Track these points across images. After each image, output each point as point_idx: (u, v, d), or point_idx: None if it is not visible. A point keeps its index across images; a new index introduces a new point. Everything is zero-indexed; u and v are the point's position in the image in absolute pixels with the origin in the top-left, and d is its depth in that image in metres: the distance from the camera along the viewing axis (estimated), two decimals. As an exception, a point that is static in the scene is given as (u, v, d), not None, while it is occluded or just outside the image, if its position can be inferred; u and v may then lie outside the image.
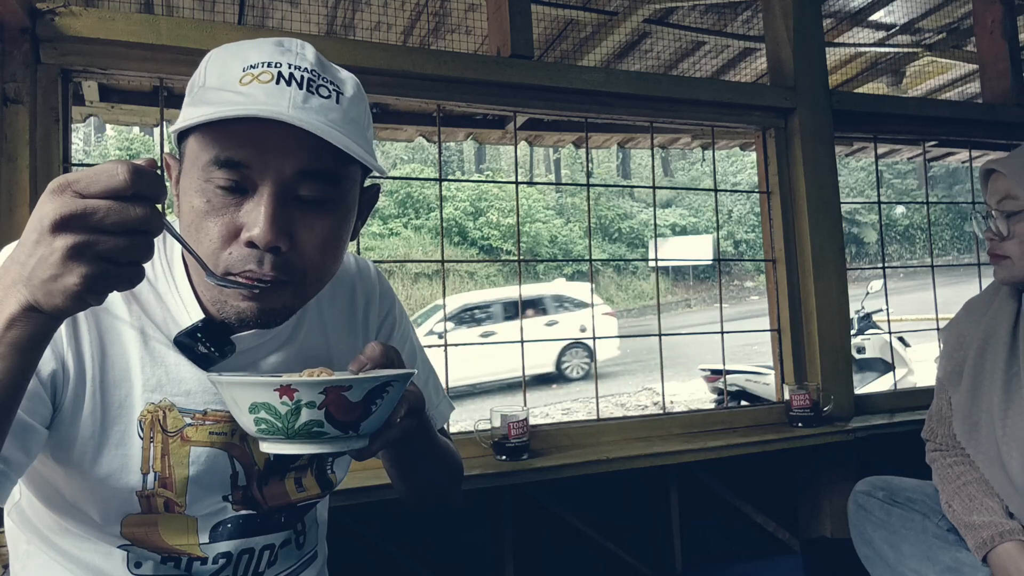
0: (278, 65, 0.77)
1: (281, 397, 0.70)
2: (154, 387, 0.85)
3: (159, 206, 0.63)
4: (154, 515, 0.87)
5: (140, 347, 0.85)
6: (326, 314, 0.99)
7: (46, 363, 0.79)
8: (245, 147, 0.74)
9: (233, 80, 0.77)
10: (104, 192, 0.58)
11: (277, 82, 0.76)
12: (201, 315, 0.85)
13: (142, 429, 0.85)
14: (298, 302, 0.83)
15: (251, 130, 0.74)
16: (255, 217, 0.75)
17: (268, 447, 0.75)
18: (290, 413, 0.71)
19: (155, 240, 0.89)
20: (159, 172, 0.62)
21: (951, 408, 1.60)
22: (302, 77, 0.77)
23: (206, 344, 0.84)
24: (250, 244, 0.76)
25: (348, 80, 0.84)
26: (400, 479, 1.05)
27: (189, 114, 0.76)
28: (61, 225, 0.57)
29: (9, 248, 0.84)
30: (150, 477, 0.85)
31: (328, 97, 0.78)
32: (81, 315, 0.82)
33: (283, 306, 0.81)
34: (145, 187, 0.59)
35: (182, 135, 0.79)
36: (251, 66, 0.77)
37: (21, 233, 0.61)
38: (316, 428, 0.72)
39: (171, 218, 0.85)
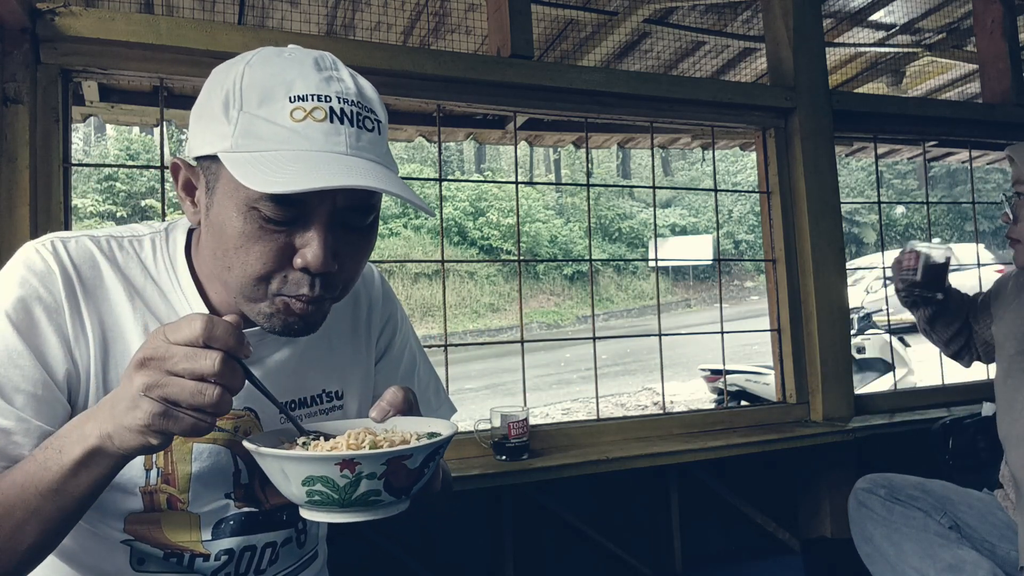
0: (327, 100, 0.77)
1: (342, 471, 0.69)
2: None
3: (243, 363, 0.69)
4: (157, 512, 0.87)
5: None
6: (329, 316, 0.99)
7: (59, 365, 0.80)
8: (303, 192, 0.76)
9: (283, 113, 0.76)
10: (183, 340, 0.65)
11: (331, 120, 0.77)
12: (204, 311, 0.86)
13: None
14: (329, 308, 0.87)
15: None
16: (312, 247, 0.78)
17: (316, 516, 0.74)
18: (349, 485, 0.70)
19: (159, 240, 0.90)
20: (239, 328, 0.68)
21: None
22: (352, 112, 0.78)
23: None
24: (303, 269, 0.79)
25: (374, 96, 0.84)
26: None
27: (243, 145, 0.75)
28: (142, 364, 0.66)
29: (13, 263, 0.83)
30: (153, 473, 0.86)
31: (372, 130, 0.80)
32: (84, 311, 0.82)
33: (323, 315, 0.86)
34: (216, 339, 0.65)
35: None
36: (299, 97, 0.77)
37: (21, 232, 0.62)
38: (373, 497, 0.71)
39: (175, 216, 0.86)
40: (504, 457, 1.76)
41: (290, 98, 0.77)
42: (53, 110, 1.49)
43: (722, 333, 2.35)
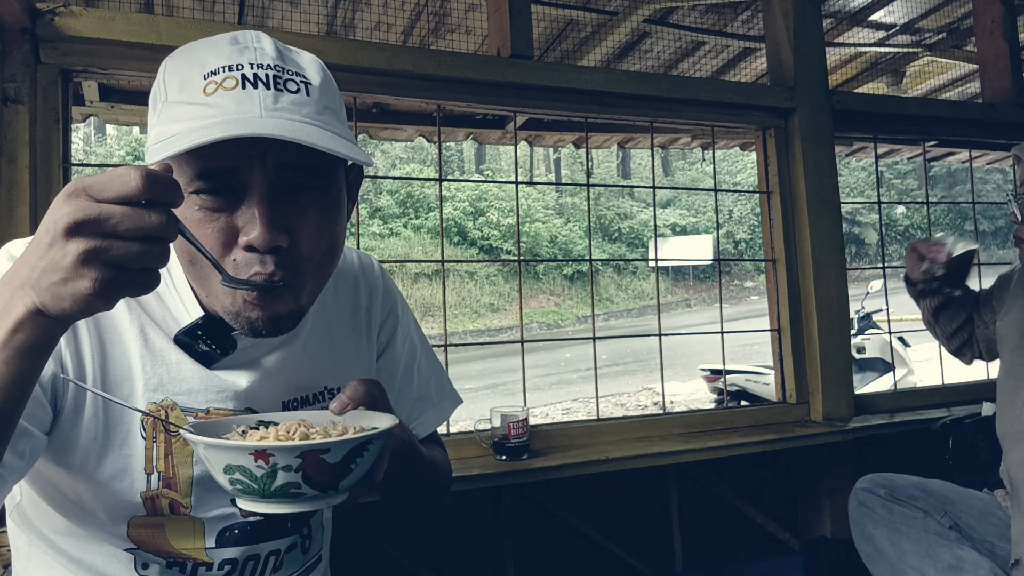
0: (239, 68, 0.75)
1: (256, 461, 0.68)
2: (156, 386, 0.84)
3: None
4: (160, 517, 0.86)
5: (141, 346, 0.84)
6: (329, 311, 0.99)
7: (46, 367, 0.77)
8: (226, 156, 0.74)
9: (196, 91, 0.75)
10: (118, 198, 0.57)
11: (243, 86, 0.74)
12: (200, 312, 0.85)
13: (144, 429, 0.84)
14: (305, 302, 0.82)
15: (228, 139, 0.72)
16: (250, 220, 0.75)
17: (244, 505, 0.73)
18: (266, 476, 0.69)
19: None
20: (173, 177, 0.61)
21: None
22: (267, 76, 0.76)
23: (207, 342, 0.84)
24: (250, 248, 0.75)
25: (310, 65, 0.82)
26: (381, 493, 1.03)
27: (161, 133, 0.75)
28: (75, 229, 0.56)
29: (13, 245, 0.83)
30: (154, 477, 0.85)
31: (297, 91, 0.77)
32: None
33: (290, 311, 0.80)
34: (159, 193, 0.58)
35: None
36: (212, 72, 0.75)
37: (21, 233, 0.61)
38: (293, 490, 0.71)
39: None
40: (504, 457, 1.75)
41: (204, 75, 0.75)
42: (53, 110, 1.49)
43: (722, 333, 2.35)
